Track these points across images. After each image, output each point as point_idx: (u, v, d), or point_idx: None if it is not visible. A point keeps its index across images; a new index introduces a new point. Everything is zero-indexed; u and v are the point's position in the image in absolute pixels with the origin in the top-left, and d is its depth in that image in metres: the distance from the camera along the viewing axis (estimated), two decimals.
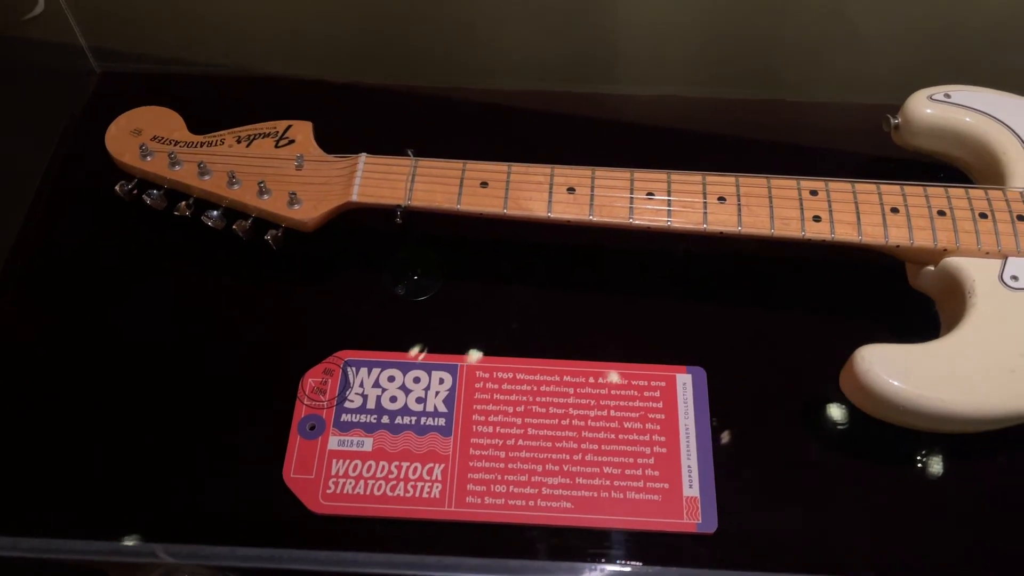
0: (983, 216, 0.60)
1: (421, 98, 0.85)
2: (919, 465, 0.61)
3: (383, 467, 0.61)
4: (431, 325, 0.68)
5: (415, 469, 0.61)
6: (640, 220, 0.61)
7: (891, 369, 0.55)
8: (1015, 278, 0.58)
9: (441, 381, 0.65)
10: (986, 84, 0.70)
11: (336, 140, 0.68)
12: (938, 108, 0.67)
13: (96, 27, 0.86)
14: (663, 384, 0.65)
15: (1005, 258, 0.59)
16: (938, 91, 0.67)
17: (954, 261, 0.60)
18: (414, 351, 0.65)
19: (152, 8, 0.85)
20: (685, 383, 0.65)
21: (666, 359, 0.66)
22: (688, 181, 0.62)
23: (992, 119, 0.66)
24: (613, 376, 0.65)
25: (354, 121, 0.81)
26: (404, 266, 0.71)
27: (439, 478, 0.61)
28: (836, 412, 0.62)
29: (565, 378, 0.65)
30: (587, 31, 0.85)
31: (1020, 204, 0.61)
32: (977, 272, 0.59)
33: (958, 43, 0.83)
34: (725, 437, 0.62)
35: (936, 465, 0.61)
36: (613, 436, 0.62)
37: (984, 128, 0.66)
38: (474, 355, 0.65)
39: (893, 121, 0.68)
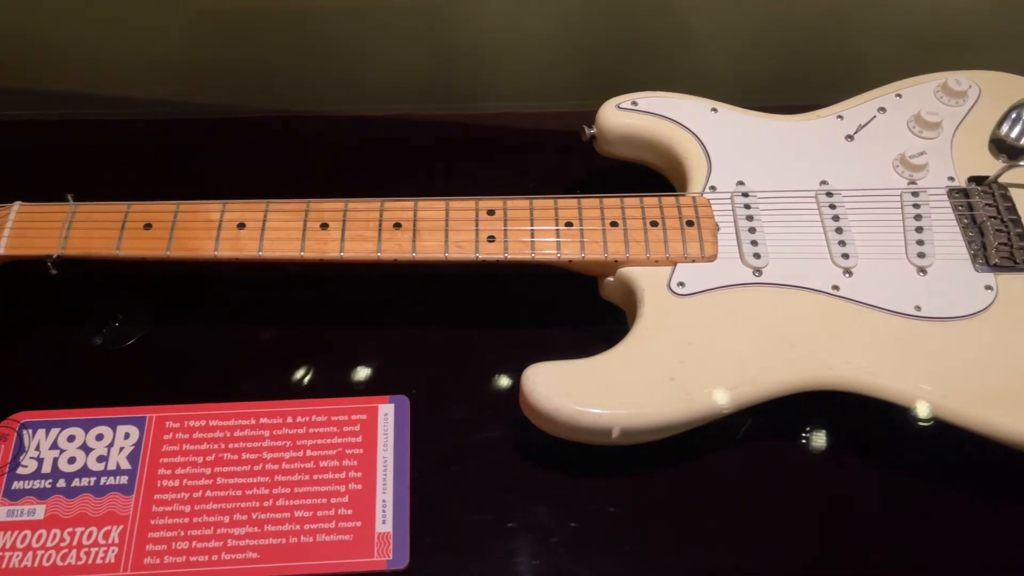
0: (654, 224, 0.61)
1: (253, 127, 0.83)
2: (624, 478, 0.61)
3: (55, 535, 0.57)
4: (127, 375, 0.65)
5: (90, 534, 0.57)
6: (311, 253, 0.59)
7: (553, 387, 0.55)
8: (682, 284, 0.59)
9: (127, 436, 0.61)
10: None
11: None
12: (626, 116, 0.67)
13: None
14: (364, 417, 0.63)
15: (674, 265, 0.60)
16: (626, 99, 0.68)
17: (627, 271, 0.60)
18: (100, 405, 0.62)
19: None
20: (387, 414, 0.63)
21: (371, 390, 0.64)
22: (365, 208, 0.61)
23: (676, 124, 0.67)
24: (312, 413, 0.63)
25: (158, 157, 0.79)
26: (103, 312, 0.68)
27: (116, 541, 0.57)
28: (538, 435, 0.62)
29: (262, 420, 0.62)
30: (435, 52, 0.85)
31: (691, 210, 0.62)
32: (647, 281, 0.59)
33: (807, 47, 0.87)
34: (424, 467, 0.61)
35: (644, 477, 0.61)
36: (308, 477, 0.60)
37: (669, 133, 0.66)
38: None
39: (589, 131, 0.69)
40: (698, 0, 0.83)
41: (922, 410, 0.55)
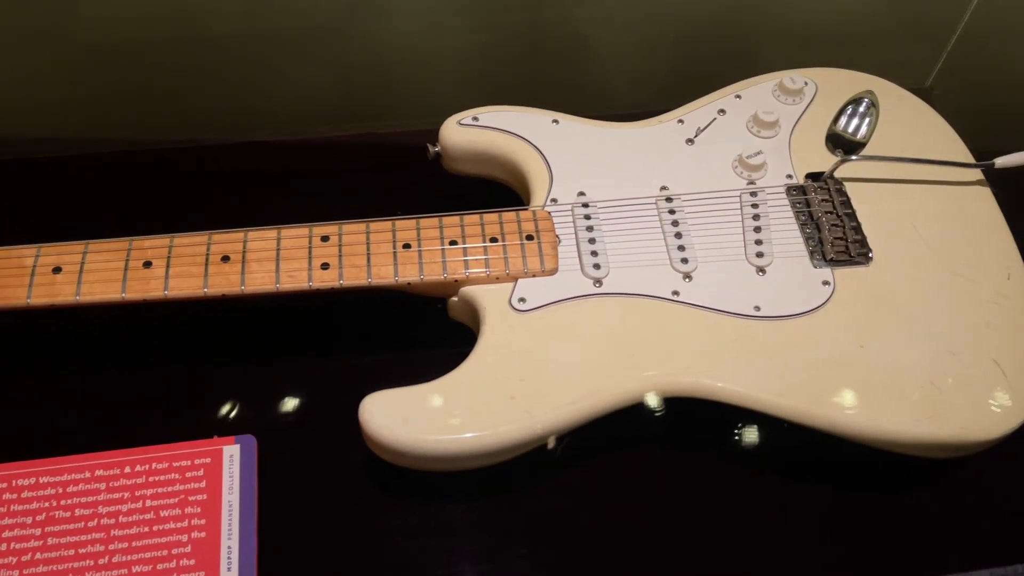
0: (494, 241, 0.60)
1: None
2: (484, 504, 0.59)
3: None
4: None
5: None
6: (133, 294, 0.56)
7: (390, 416, 0.53)
8: (523, 300, 0.58)
9: None
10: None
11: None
12: (468, 132, 0.66)
13: None
14: (208, 460, 0.60)
15: (515, 281, 0.59)
16: (467, 115, 0.67)
17: (469, 290, 0.59)
18: None
19: None
20: (232, 455, 0.60)
21: (217, 431, 0.61)
22: (191, 243, 0.58)
23: (517, 138, 0.66)
24: (151, 461, 0.59)
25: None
26: None
27: None
28: (390, 467, 0.60)
29: (97, 472, 0.59)
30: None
31: (531, 224, 0.61)
32: (488, 299, 0.58)
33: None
34: (272, 509, 0.58)
35: (503, 501, 0.60)
36: (147, 529, 0.57)
37: (511, 147, 0.65)
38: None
39: (433, 149, 0.67)
40: (596, 10, 0.83)
41: (763, 411, 0.55)
